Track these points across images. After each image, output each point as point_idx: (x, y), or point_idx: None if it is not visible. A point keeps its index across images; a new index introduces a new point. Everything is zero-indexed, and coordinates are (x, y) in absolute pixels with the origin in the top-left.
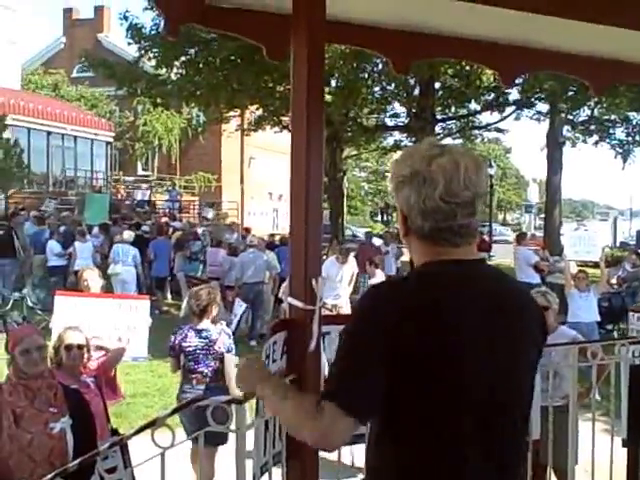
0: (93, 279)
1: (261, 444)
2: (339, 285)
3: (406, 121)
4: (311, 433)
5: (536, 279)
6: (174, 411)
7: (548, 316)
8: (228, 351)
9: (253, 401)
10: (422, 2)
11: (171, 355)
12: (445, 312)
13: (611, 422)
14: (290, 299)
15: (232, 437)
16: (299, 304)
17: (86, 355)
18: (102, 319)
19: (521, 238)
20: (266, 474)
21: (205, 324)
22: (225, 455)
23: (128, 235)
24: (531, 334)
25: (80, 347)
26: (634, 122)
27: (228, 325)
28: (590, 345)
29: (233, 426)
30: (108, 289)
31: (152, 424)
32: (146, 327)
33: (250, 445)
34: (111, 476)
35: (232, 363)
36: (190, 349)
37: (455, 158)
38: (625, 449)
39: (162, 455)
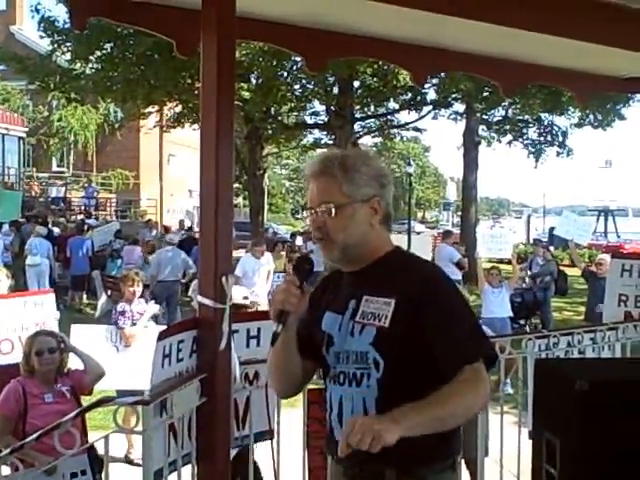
0: (0, 279)
1: (164, 444)
2: (256, 282)
3: (326, 119)
4: (487, 399)
5: (458, 275)
6: (77, 414)
7: None
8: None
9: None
10: (335, 1)
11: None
12: None
13: (519, 414)
14: (200, 297)
15: None
16: (209, 302)
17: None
18: (8, 319)
19: (446, 235)
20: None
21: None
22: None
23: (41, 229)
24: None
25: (52, 351)
26: (546, 122)
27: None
28: (498, 340)
29: (140, 427)
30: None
31: (56, 427)
32: (55, 322)
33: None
34: None
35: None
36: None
37: None
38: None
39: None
